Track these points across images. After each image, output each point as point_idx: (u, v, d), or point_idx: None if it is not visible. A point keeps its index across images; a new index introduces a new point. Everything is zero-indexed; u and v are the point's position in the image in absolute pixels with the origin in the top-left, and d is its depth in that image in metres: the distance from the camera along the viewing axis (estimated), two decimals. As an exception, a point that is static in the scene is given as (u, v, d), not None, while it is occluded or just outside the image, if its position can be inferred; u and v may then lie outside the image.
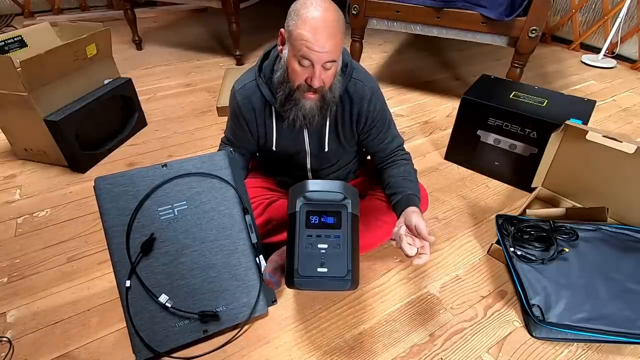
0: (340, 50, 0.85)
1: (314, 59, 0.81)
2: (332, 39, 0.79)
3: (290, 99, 0.90)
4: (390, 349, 0.96)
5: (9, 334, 0.97)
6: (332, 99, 0.92)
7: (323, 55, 0.80)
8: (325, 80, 0.86)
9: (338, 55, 0.84)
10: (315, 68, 0.82)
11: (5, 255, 1.19)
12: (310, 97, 0.89)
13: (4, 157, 1.62)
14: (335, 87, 0.91)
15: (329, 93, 0.90)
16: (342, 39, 0.83)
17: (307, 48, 0.80)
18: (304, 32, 0.79)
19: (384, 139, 1.06)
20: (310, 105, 0.90)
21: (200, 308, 0.93)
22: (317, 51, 0.80)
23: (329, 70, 0.85)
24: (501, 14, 1.68)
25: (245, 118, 1.03)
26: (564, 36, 3.06)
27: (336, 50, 0.82)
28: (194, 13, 3.70)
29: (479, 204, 1.43)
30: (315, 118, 0.92)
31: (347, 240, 0.82)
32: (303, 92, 0.88)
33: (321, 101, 0.90)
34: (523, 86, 1.57)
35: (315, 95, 0.89)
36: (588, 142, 1.21)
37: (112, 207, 0.90)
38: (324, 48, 0.79)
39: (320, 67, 0.82)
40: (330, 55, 0.81)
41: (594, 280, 1.04)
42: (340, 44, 0.83)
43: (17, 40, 1.55)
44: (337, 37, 0.81)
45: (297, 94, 0.89)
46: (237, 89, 1.01)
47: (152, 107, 2.04)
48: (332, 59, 0.82)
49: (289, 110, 0.92)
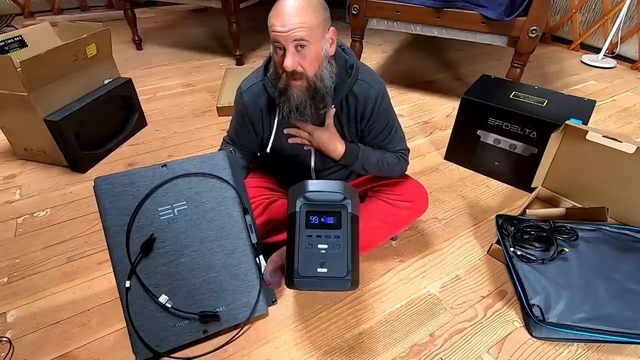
0: (317, 33, 0.83)
1: (281, 41, 0.82)
2: (296, 18, 0.79)
3: (281, 92, 0.90)
4: (390, 349, 0.96)
5: (9, 334, 0.97)
6: (324, 89, 0.90)
7: (289, 35, 0.80)
8: (305, 65, 0.85)
9: (312, 36, 0.82)
10: (287, 49, 0.82)
11: (5, 255, 1.19)
12: (295, 85, 0.88)
13: (4, 157, 1.62)
14: (324, 74, 0.89)
15: (318, 82, 0.88)
16: (316, 20, 0.82)
17: (274, 32, 0.81)
18: (272, 20, 0.82)
19: (383, 139, 1.05)
20: (298, 94, 0.89)
21: (200, 308, 0.93)
22: (282, 32, 0.80)
23: (305, 54, 0.84)
24: (501, 14, 1.68)
25: (251, 119, 1.03)
26: (564, 36, 3.06)
27: (306, 30, 0.81)
28: (194, 13, 3.69)
29: (479, 204, 1.43)
30: (307, 108, 0.91)
31: (347, 241, 0.82)
32: (288, 81, 0.88)
33: (310, 90, 0.89)
34: (523, 86, 1.57)
35: (300, 82, 0.87)
36: (588, 142, 1.21)
37: (112, 207, 0.90)
38: (286, 26, 0.80)
39: (292, 48, 0.82)
40: (298, 33, 0.80)
41: (594, 280, 1.04)
42: (314, 24, 0.82)
43: (17, 40, 1.55)
44: (305, 17, 0.80)
45: (282, 83, 0.89)
46: (243, 89, 1.01)
47: (152, 107, 2.04)
48: (302, 37, 0.81)
49: (282, 104, 0.92)
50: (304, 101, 0.90)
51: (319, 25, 0.83)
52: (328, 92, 0.91)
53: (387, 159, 1.06)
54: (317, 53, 0.86)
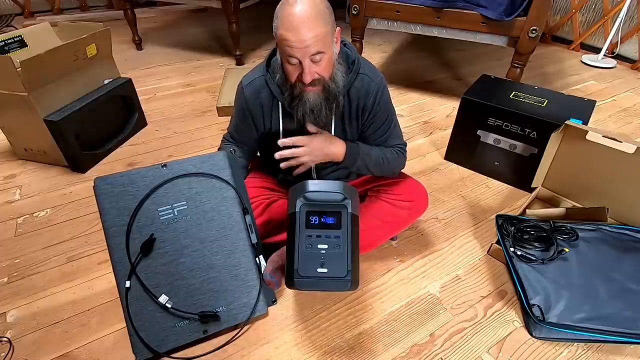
0: (328, 40, 0.83)
1: (298, 56, 0.81)
2: (311, 31, 0.79)
3: (295, 96, 0.91)
4: (390, 349, 0.96)
5: (9, 334, 0.97)
6: (337, 89, 0.91)
7: (306, 50, 0.80)
8: (320, 72, 0.86)
9: (325, 45, 0.83)
10: (304, 64, 0.82)
11: (5, 255, 1.19)
12: (311, 90, 0.88)
13: (4, 157, 1.62)
14: (337, 76, 0.90)
15: (332, 83, 0.89)
16: (326, 28, 0.82)
17: (289, 47, 0.80)
18: (283, 32, 0.80)
19: (382, 134, 1.06)
20: (313, 97, 0.89)
21: (200, 308, 0.93)
22: (299, 47, 0.80)
23: (320, 63, 0.84)
24: (501, 14, 1.68)
25: (252, 114, 1.03)
26: (564, 36, 3.06)
27: (320, 41, 0.81)
28: (194, 13, 3.69)
29: (479, 204, 1.43)
30: (323, 110, 0.92)
31: (347, 241, 0.82)
32: (303, 88, 0.88)
33: (325, 92, 0.90)
34: (523, 86, 1.57)
35: (316, 88, 0.88)
36: (588, 142, 1.21)
37: (112, 207, 0.90)
38: (304, 43, 0.79)
39: (308, 61, 0.82)
40: (314, 47, 0.80)
41: (594, 280, 1.04)
42: (325, 33, 0.82)
43: (17, 40, 1.55)
44: (317, 28, 0.80)
45: (297, 90, 0.89)
46: (245, 84, 1.01)
47: (152, 107, 2.04)
48: (318, 50, 0.81)
49: (296, 107, 0.92)
50: (319, 104, 0.90)
51: (330, 31, 0.84)
52: (340, 92, 0.93)
53: (387, 154, 1.06)
54: (330, 58, 0.87)
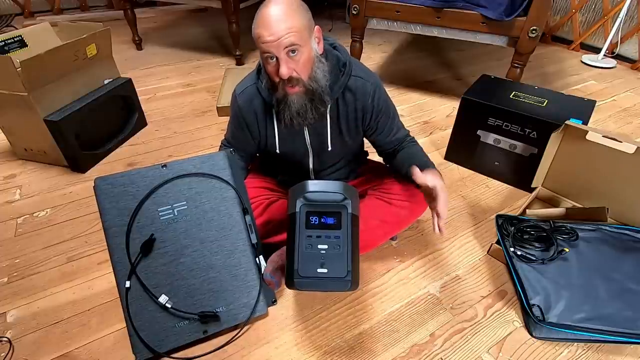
0: (305, 35, 0.83)
1: (273, 50, 0.81)
2: (283, 23, 0.79)
3: (280, 101, 0.91)
4: (390, 349, 0.96)
5: (9, 334, 0.97)
6: (320, 89, 0.90)
7: (279, 42, 0.80)
8: (298, 69, 0.85)
9: (301, 39, 0.82)
10: (279, 58, 0.82)
11: (5, 255, 1.19)
12: (292, 91, 0.88)
13: (4, 157, 1.62)
14: (318, 74, 0.89)
15: (313, 83, 0.88)
16: (301, 22, 0.81)
17: (264, 43, 0.81)
18: (258, 31, 0.81)
19: (389, 131, 1.07)
20: (297, 99, 0.89)
21: (200, 308, 0.93)
22: (272, 40, 0.79)
23: (297, 59, 0.83)
24: (501, 14, 1.68)
25: (246, 121, 1.03)
26: (564, 36, 3.06)
27: (294, 35, 0.80)
28: (194, 13, 3.69)
29: (479, 204, 1.43)
30: (309, 112, 0.91)
31: (347, 241, 0.82)
32: (284, 88, 0.88)
33: (309, 93, 0.89)
34: (523, 86, 1.57)
35: (296, 88, 0.87)
36: (588, 142, 1.21)
37: (112, 207, 0.90)
38: (276, 35, 0.79)
39: (284, 54, 0.82)
40: (287, 39, 0.80)
41: (594, 280, 1.04)
42: (300, 27, 0.81)
43: (17, 40, 1.55)
44: (290, 21, 0.79)
45: (280, 93, 0.89)
46: (237, 93, 1.02)
47: (152, 107, 2.04)
48: (292, 43, 0.80)
49: (282, 112, 0.92)
50: (304, 105, 0.90)
51: (306, 27, 0.83)
52: (325, 91, 0.92)
53: (419, 149, 1.10)
54: (309, 55, 0.86)
